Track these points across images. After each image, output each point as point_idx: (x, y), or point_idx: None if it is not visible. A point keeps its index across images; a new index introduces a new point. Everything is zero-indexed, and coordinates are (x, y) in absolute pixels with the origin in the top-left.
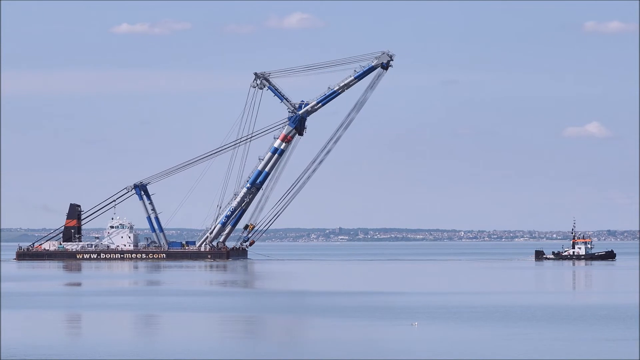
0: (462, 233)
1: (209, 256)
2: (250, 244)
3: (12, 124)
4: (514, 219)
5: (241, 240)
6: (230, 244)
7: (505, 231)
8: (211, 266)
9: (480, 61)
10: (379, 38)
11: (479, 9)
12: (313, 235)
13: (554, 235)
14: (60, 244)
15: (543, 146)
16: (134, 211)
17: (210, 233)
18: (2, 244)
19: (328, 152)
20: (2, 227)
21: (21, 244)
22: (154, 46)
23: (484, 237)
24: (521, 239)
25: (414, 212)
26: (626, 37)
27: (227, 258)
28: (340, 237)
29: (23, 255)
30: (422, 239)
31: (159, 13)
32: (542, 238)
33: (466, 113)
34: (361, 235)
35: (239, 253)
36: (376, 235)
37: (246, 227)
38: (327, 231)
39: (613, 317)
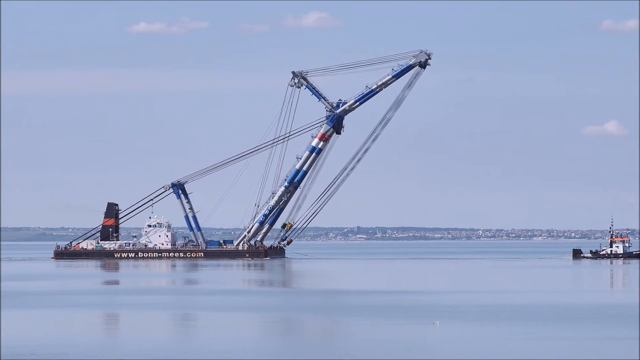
0: (481, 232)
1: (247, 255)
2: (288, 243)
3: (46, 124)
4: (532, 218)
5: (279, 239)
6: (267, 243)
7: (524, 230)
8: (249, 265)
9: (497, 60)
10: (398, 37)
11: (496, 8)
12: (331, 234)
13: (572, 234)
14: (98, 243)
15: (562, 145)
16: (171, 210)
17: (248, 232)
18: (21, 243)
19: (366, 150)
20: (20, 226)
21: (59, 242)
22: (180, 45)
23: (502, 236)
24: (539, 237)
25: (432, 210)
26: None
27: (265, 257)
28: (359, 236)
29: (61, 254)
30: (440, 238)
31: (176, 13)
32: (560, 237)
33: (483, 112)
34: (379, 234)
35: (277, 252)
36: (394, 234)
37: (284, 225)
38: (346, 230)
39: None
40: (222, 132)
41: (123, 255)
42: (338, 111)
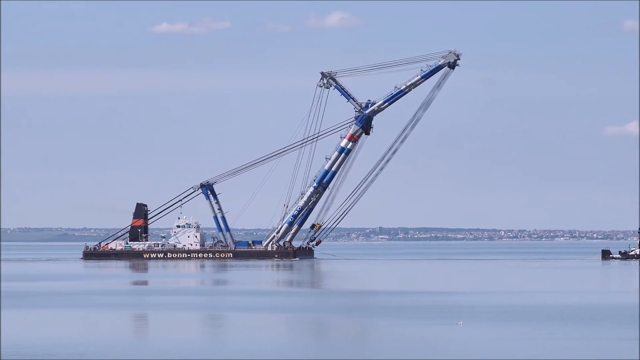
0: (503, 232)
1: (276, 255)
2: (317, 244)
3: (74, 125)
4: (554, 219)
5: (307, 240)
6: (296, 243)
7: (546, 230)
8: (278, 265)
9: (518, 61)
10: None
11: (516, 8)
12: (353, 235)
13: (594, 235)
14: (127, 244)
15: (583, 145)
16: (200, 211)
17: (277, 232)
18: (45, 243)
19: (395, 151)
20: (43, 226)
21: (88, 243)
22: (204, 45)
23: (524, 237)
24: (561, 238)
25: (454, 211)
26: None
27: (294, 257)
28: (381, 237)
29: (90, 255)
30: (462, 239)
31: (199, 12)
32: (583, 238)
33: (505, 112)
34: (401, 235)
35: (306, 252)
36: (416, 234)
37: (313, 226)
38: (367, 230)
39: None
40: (251, 133)
41: (152, 256)
42: (367, 112)
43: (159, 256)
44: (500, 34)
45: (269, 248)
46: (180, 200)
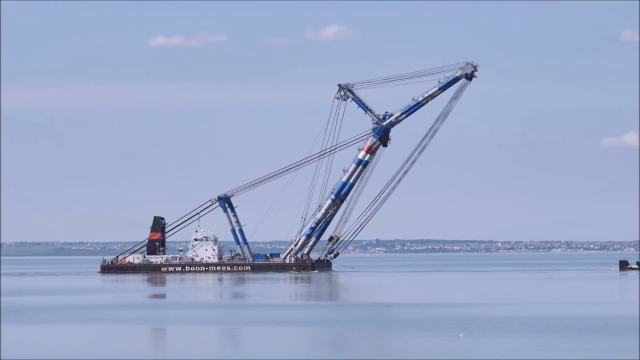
0: (499, 244)
1: (294, 268)
2: (335, 256)
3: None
4: (551, 230)
5: (325, 252)
6: (314, 256)
7: (543, 242)
8: (296, 278)
9: (516, 72)
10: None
11: (516, 20)
12: (350, 247)
13: (591, 246)
14: (145, 257)
15: (580, 157)
16: (218, 224)
17: (295, 245)
18: (42, 257)
19: (413, 162)
20: (39, 240)
21: (105, 257)
22: (214, 58)
23: (521, 248)
24: (558, 249)
25: (450, 223)
26: None
27: (312, 270)
28: (378, 249)
29: (107, 269)
30: (459, 251)
31: (195, 26)
32: (580, 249)
33: (501, 124)
34: (398, 247)
35: (324, 265)
36: (413, 246)
37: (331, 238)
38: (364, 243)
39: None
40: (268, 145)
41: (170, 269)
42: (384, 123)
43: (176, 269)
44: (497, 46)
45: (287, 261)
46: (198, 213)
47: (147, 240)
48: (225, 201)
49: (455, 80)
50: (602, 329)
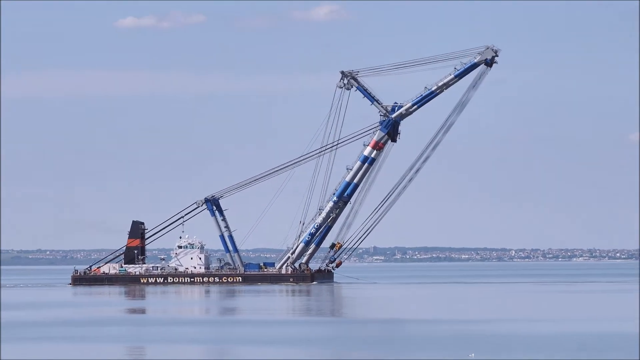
0: (513, 252)
1: (291, 279)
2: (337, 265)
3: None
4: (572, 236)
5: (327, 261)
6: (314, 266)
7: (562, 250)
8: (293, 291)
9: (538, 58)
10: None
11: (539, 8)
12: (344, 256)
13: (617, 255)
14: (122, 267)
15: (606, 153)
16: (204, 229)
17: (292, 253)
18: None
19: (426, 159)
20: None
21: (77, 266)
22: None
23: (537, 257)
24: (580, 258)
25: (457, 229)
26: None
27: (311, 281)
28: (375, 258)
29: (80, 280)
30: (468, 259)
31: (168, 5)
32: (604, 257)
33: (517, 115)
34: (398, 255)
35: (325, 275)
36: (415, 255)
37: (332, 246)
38: (360, 251)
39: None
40: (261, 140)
41: (150, 281)
42: (393, 116)
43: (158, 281)
44: (517, 33)
45: (283, 271)
46: (182, 217)
47: (124, 248)
48: (213, 203)
49: (474, 66)
50: (632, 351)
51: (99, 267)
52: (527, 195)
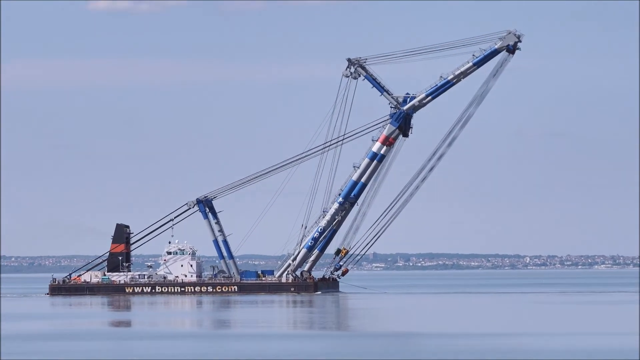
0: (528, 259)
1: (292, 289)
2: (343, 273)
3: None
4: (593, 242)
5: (331, 269)
6: (317, 274)
7: (582, 256)
8: (294, 301)
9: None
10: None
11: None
12: (341, 263)
13: None
14: (105, 275)
15: (630, 151)
16: (196, 233)
17: (293, 260)
18: None
19: (441, 156)
20: None
21: (55, 274)
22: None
23: (555, 264)
24: (602, 265)
25: (466, 234)
26: None
27: (315, 291)
28: (375, 265)
29: (58, 290)
30: (478, 267)
31: None
32: (629, 265)
33: (536, 109)
34: (400, 263)
35: (329, 284)
36: (419, 262)
37: (338, 252)
38: (358, 257)
39: None
40: (258, 136)
41: (136, 290)
42: (405, 108)
43: (144, 290)
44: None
45: (284, 280)
46: (172, 220)
47: (107, 254)
48: (205, 205)
49: (494, 53)
50: None
51: (80, 275)
52: (544, 196)
